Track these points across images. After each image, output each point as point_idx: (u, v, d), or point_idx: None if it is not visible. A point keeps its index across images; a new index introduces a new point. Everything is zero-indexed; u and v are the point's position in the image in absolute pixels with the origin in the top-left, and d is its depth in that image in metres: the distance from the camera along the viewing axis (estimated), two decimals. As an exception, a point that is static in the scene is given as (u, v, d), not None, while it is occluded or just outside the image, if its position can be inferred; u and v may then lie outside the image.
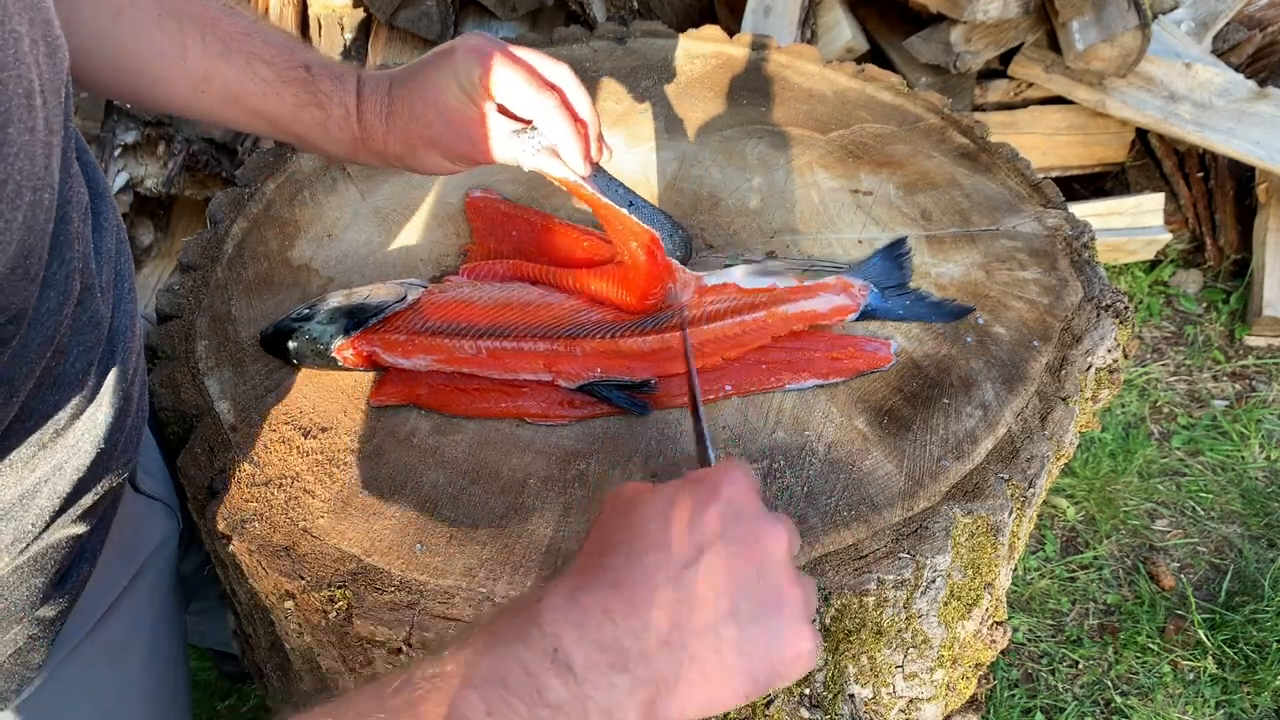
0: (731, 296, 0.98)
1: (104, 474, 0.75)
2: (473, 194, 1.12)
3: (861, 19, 2.23)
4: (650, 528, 0.55)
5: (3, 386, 0.59)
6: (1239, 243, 2.37)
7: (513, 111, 0.83)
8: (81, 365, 0.67)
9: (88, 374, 0.68)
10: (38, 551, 0.72)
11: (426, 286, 0.97)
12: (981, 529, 0.85)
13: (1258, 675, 1.69)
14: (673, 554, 0.54)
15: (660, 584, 0.53)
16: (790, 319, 0.96)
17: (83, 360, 0.67)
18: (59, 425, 0.67)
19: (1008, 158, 1.21)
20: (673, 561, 0.54)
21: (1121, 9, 1.98)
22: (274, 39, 0.86)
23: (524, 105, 0.82)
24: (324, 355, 0.91)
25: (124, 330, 0.74)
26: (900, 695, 0.91)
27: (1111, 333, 1.00)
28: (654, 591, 0.53)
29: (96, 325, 0.69)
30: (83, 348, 0.67)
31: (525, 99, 0.81)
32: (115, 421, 0.73)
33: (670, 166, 1.19)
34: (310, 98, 0.85)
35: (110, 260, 0.72)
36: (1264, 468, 2.04)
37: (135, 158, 2.06)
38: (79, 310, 0.66)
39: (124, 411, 0.74)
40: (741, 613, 0.54)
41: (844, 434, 0.89)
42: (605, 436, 0.89)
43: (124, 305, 0.74)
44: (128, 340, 0.74)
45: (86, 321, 0.67)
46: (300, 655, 0.87)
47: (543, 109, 0.82)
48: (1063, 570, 1.87)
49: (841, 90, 1.31)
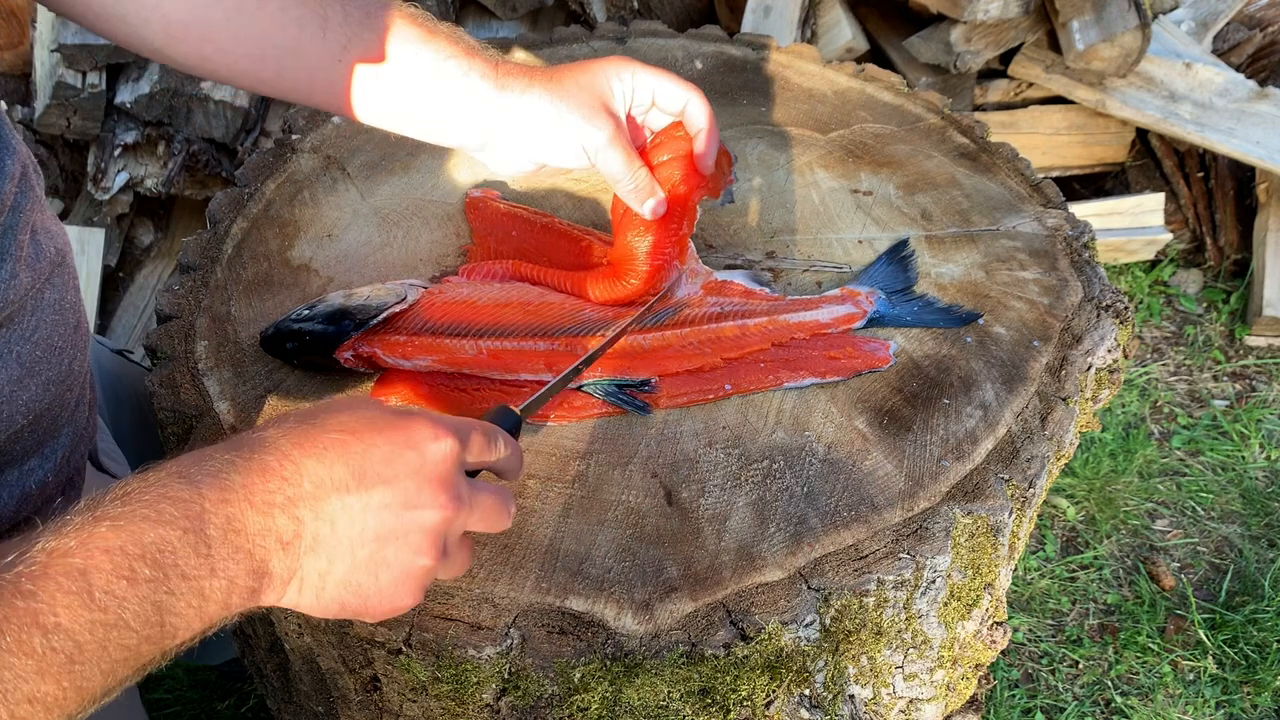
0: (735, 301, 0.98)
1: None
2: (473, 194, 1.12)
3: (861, 19, 2.22)
4: (374, 439, 0.61)
5: None
6: (1239, 243, 2.37)
7: (662, 104, 0.92)
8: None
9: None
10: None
11: (426, 287, 0.97)
12: (981, 529, 0.85)
13: (1258, 675, 1.69)
14: (362, 476, 0.60)
15: (330, 492, 0.59)
16: (792, 328, 0.96)
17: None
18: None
19: (1008, 158, 1.21)
20: (351, 481, 0.59)
21: (1121, 9, 1.98)
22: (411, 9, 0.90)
23: (674, 96, 0.91)
24: (324, 356, 0.91)
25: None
26: (900, 696, 0.91)
27: (1112, 333, 1.00)
28: (328, 494, 0.59)
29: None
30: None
31: (675, 91, 0.91)
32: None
33: (670, 166, 1.19)
34: (457, 49, 0.88)
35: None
36: (1264, 468, 2.04)
37: (135, 158, 2.06)
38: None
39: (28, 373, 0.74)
40: (373, 559, 0.60)
41: (844, 434, 0.89)
42: (605, 436, 0.89)
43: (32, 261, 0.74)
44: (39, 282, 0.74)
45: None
46: (300, 655, 0.87)
47: (692, 99, 0.91)
48: (1063, 570, 1.87)
49: (841, 90, 1.31)
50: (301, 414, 0.63)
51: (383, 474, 0.60)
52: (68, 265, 0.80)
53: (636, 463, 0.86)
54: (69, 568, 0.51)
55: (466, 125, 0.90)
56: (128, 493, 0.55)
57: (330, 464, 0.59)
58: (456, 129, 0.91)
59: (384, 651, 0.77)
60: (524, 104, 0.88)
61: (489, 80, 0.88)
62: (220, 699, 1.69)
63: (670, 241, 0.95)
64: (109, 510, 0.53)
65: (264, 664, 1.00)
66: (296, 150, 1.19)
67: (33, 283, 0.73)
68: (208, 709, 1.68)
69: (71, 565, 0.51)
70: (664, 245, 0.95)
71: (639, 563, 0.79)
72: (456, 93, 0.88)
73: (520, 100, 0.88)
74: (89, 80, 1.98)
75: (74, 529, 0.52)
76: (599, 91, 0.89)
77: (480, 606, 0.76)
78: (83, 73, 1.98)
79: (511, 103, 0.88)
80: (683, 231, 0.97)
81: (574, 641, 0.75)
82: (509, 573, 0.78)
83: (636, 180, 0.91)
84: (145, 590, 0.53)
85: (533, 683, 0.75)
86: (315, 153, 1.19)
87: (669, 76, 0.91)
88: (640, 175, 0.91)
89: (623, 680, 0.75)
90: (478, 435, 0.66)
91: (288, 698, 0.99)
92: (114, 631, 0.52)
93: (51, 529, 0.53)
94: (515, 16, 2.21)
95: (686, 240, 0.98)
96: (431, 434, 0.62)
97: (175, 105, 2.01)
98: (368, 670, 0.81)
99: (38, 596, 0.50)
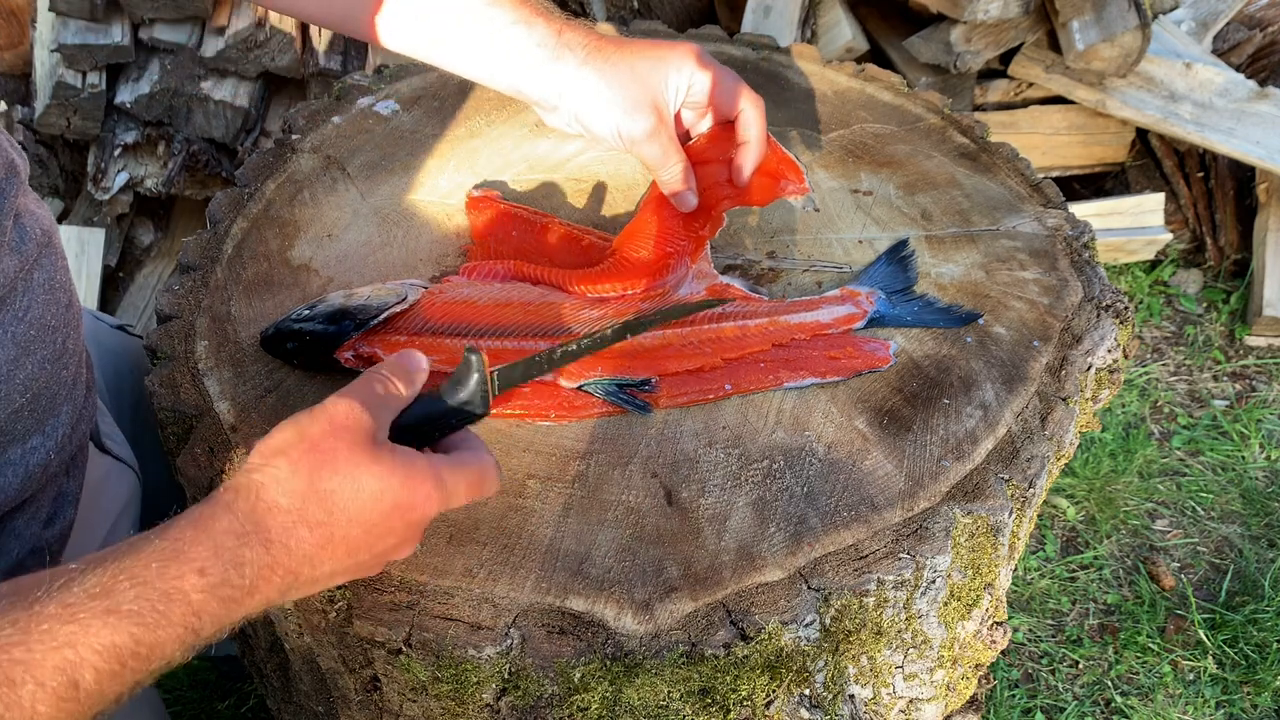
0: (736, 302, 0.98)
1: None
2: (473, 194, 1.12)
3: (861, 19, 2.22)
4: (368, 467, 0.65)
5: None
6: (1239, 243, 2.37)
7: (717, 107, 0.94)
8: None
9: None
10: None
11: (427, 287, 0.97)
12: (981, 529, 0.85)
13: (1258, 675, 1.69)
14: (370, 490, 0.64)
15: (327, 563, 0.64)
16: (792, 329, 0.96)
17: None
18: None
19: (1008, 158, 1.21)
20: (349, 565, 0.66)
21: (1121, 9, 1.98)
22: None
23: (729, 104, 0.92)
24: (325, 356, 0.91)
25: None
26: (900, 695, 0.91)
27: (1112, 333, 1.00)
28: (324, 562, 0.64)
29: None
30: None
31: (730, 99, 0.92)
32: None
33: (670, 166, 1.19)
34: (523, 12, 0.90)
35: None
36: (1264, 468, 2.04)
37: (135, 158, 2.06)
38: None
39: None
40: (371, 545, 0.65)
41: (844, 434, 0.89)
42: (605, 436, 0.89)
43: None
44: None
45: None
46: (300, 655, 0.87)
47: (747, 109, 0.92)
48: (1063, 570, 1.87)
49: (841, 90, 1.31)
50: (304, 485, 0.63)
51: (376, 556, 0.67)
52: (54, 246, 0.81)
53: (636, 463, 0.86)
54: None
55: (519, 85, 0.93)
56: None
57: (334, 560, 0.64)
58: (509, 86, 0.94)
59: (384, 651, 0.77)
60: (574, 80, 0.90)
61: (546, 49, 0.90)
62: (220, 699, 1.69)
63: (686, 236, 0.96)
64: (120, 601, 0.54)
65: (264, 664, 1.00)
66: (296, 150, 1.19)
67: (20, 265, 0.75)
68: (208, 709, 1.68)
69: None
70: (677, 236, 0.96)
71: (639, 563, 0.79)
72: (513, 55, 0.91)
73: (572, 75, 0.90)
74: (89, 80, 1.98)
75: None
76: (651, 84, 0.90)
77: (480, 606, 0.76)
78: (83, 73, 1.98)
79: (563, 75, 0.90)
80: (703, 233, 0.98)
81: (574, 641, 0.75)
82: (509, 573, 0.78)
83: (670, 173, 0.94)
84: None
85: (533, 683, 0.75)
86: (315, 153, 1.19)
87: (729, 81, 0.92)
88: (674, 170, 0.93)
89: (623, 680, 0.75)
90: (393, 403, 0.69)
91: (288, 698, 0.99)
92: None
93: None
94: (515, 16, 2.21)
95: (705, 241, 0.99)
96: (424, 507, 0.66)
97: (175, 105, 2.01)
98: (368, 670, 0.81)
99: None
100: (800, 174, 1.00)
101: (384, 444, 0.66)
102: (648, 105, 0.90)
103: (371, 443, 0.65)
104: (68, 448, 0.83)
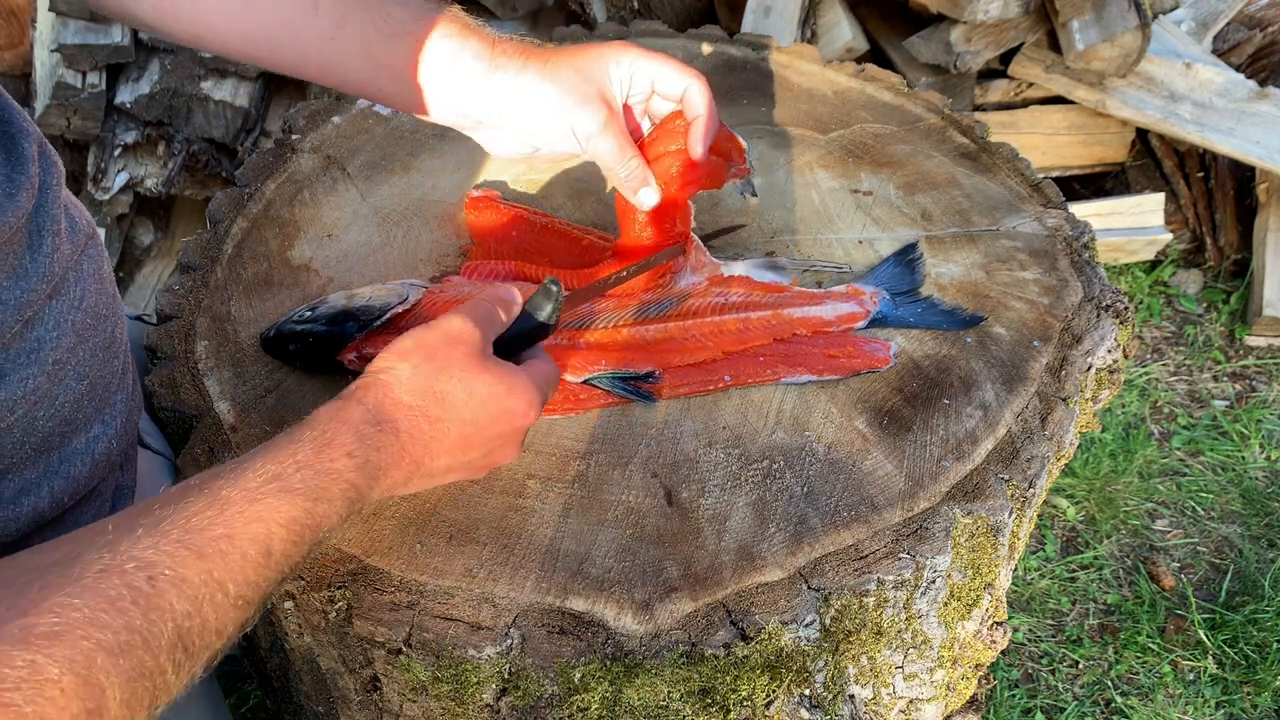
0: (740, 292, 0.98)
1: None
2: (473, 194, 1.12)
3: (861, 19, 2.22)
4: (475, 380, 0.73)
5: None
6: (1239, 243, 2.37)
7: (661, 90, 0.91)
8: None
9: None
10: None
11: (427, 287, 0.97)
12: (981, 529, 0.85)
13: (1258, 675, 1.69)
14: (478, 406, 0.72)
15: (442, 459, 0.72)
16: (794, 323, 0.96)
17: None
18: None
19: (1008, 158, 1.21)
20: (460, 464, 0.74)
21: (1121, 9, 1.98)
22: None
23: (673, 82, 0.90)
24: (328, 358, 0.91)
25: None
26: (900, 696, 0.91)
27: (1112, 333, 1.00)
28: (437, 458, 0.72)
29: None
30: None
31: (674, 77, 0.89)
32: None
33: (670, 166, 1.19)
34: (452, 28, 0.88)
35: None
36: (1264, 468, 2.04)
37: (135, 158, 2.06)
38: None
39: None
40: (469, 460, 0.74)
41: (844, 434, 0.89)
42: (605, 436, 0.89)
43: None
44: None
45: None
46: (300, 655, 0.87)
47: (691, 84, 0.89)
48: (1063, 570, 1.87)
49: (841, 90, 1.31)
50: (426, 381, 0.71)
51: (485, 456, 0.75)
52: (97, 237, 0.82)
53: (636, 463, 0.87)
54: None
55: (459, 105, 0.90)
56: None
57: (449, 455, 0.72)
58: (449, 108, 0.90)
59: (384, 651, 0.77)
60: (517, 87, 0.87)
61: (482, 61, 0.87)
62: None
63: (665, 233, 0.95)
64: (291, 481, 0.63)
65: (264, 664, 1.00)
66: (296, 150, 1.19)
67: (72, 253, 0.76)
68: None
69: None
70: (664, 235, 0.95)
71: (639, 563, 0.79)
72: (448, 72, 0.87)
73: (514, 82, 0.87)
74: (89, 80, 1.98)
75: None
76: (595, 78, 0.88)
77: (480, 606, 0.76)
78: (83, 73, 1.98)
79: (504, 84, 0.87)
80: (679, 228, 0.97)
81: (574, 641, 0.75)
82: (509, 573, 0.78)
83: (628, 169, 0.90)
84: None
85: (533, 683, 0.75)
86: (315, 153, 1.19)
87: (669, 62, 0.89)
88: (632, 164, 0.90)
89: (623, 680, 0.75)
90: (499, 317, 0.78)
91: (288, 698, 0.99)
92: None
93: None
94: (515, 17, 2.21)
95: (685, 235, 0.98)
96: (526, 416, 0.75)
97: (175, 105, 2.01)
98: (368, 670, 0.81)
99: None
100: (743, 152, 0.98)
101: (490, 357, 0.74)
102: (596, 98, 0.87)
103: (481, 354, 0.73)
104: (125, 436, 0.84)
